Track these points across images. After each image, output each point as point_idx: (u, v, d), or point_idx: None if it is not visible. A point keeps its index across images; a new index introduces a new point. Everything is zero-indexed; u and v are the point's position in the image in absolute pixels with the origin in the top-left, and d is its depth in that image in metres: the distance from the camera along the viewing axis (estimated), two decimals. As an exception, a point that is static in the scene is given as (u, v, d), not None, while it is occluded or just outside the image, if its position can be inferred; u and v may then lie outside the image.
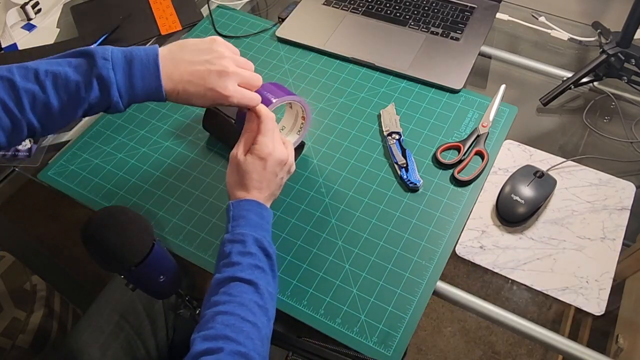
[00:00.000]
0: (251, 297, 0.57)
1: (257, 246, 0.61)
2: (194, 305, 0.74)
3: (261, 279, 0.59)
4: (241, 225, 0.62)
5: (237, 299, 0.56)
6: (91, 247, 0.56)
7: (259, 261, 0.60)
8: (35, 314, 1.08)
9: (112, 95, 0.58)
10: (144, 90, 0.59)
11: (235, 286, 0.57)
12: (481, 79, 0.92)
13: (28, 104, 0.56)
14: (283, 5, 1.05)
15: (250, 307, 0.56)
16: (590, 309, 0.64)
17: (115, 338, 0.81)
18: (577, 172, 0.77)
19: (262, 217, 0.64)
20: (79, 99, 0.57)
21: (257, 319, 0.55)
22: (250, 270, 0.58)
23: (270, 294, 0.59)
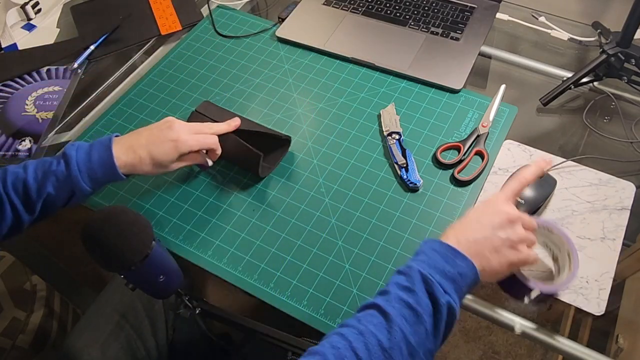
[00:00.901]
0: (375, 332, 0.47)
1: (422, 285, 0.50)
2: (194, 305, 0.74)
3: (404, 318, 0.48)
4: (416, 260, 0.53)
5: (361, 327, 0.48)
6: (91, 247, 0.56)
7: (414, 302, 0.49)
8: (35, 314, 1.08)
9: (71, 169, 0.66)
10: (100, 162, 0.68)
11: (369, 313, 0.50)
12: (481, 79, 0.92)
13: (11, 182, 0.66)
14: (283, 5, 1.05)
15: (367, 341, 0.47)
16: (591, 309, 0.64)
17: (115, 338, 0.81)
18: (577, 172, 0.77)
19: (450, 264, 0.52)
20: (49, 173, 0.66)
21: (367, 356, 0.46)
22: (397, 304, 0.49)
23: (408, 344, 0.47)
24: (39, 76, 0.97)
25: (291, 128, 0.85)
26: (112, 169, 0.68)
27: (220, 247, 0.73)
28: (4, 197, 0.65)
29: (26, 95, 0.94)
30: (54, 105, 0.92)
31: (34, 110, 0.91)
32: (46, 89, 0.95)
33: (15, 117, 0.90)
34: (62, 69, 0.98)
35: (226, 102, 0.90)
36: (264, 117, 0.87)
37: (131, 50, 1.01)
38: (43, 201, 0.67)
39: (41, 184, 0.66)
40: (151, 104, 0.91)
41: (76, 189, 0.67)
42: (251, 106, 0.89)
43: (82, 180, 0.67)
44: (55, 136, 0.89)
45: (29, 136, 0.88)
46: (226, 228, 0.75)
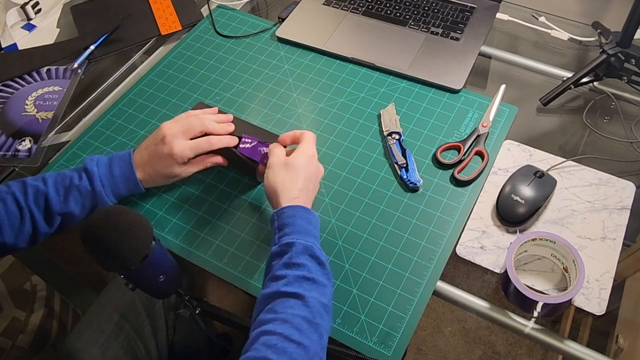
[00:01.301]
0: (297, 312, 0.52)
1: (307, 255, 0.57)
2: (194, 305, 0.74)
3: (310, 291, 0.54)
4: (287, 234, 0.59)
5: (281, 315, 0.52)
6: (91, 247, 0.56)
7: (307, 272, 0.56)
8: (35, 314, 1.08)
9: (95, 185, 0.69)
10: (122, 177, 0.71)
11: (280, 302, 0.54)
12: (481, 79, 0.92)
13: (32, 195, 0.67)
14: (283, 5, 1.05)
15: (295, 325, 0.51)
16: (591, 309, 0.64)
17: (115, 338, 0.81)
18: (577, 172, 0.77)
19: (309, 222, 0.61)
20: (71, 188, 0.68)
21: (303, 337, 0.51)
22: (297, 283, 0.55)
23: (324, 306, 0.55)
24: (39, 76, 0.97)
25: (291, 128, 0.85)
26: (135, 183, 0.72)
27: (220, 247, 0.73)
28: (25, 210, 0.67)
29: (26, 95, 0.94)
30: (54, 105, 0.92)
31: (34, 110, 0.91)
32: (46, 89, 0.95)
33: (15, 117, 0.90)
34: (62, 69, 0.98)
35: (226, 102, 0.90)
36: (264, 117, 0.87)
37: (131, 50, 1.01)
38: (63, 216, 0.68)
39: (64, 199, 0.68)
40: (151, 104, 0.91)
41: (100, 204, 0.70)
42: (251, 106, 0.89)
43: (106, 196, 0.70)
44: (55, 136, 0.89)
45: (29, 136, 0.88)
46: (226, 228, 0.75)
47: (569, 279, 0.65)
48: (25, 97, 0.93)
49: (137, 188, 0.73)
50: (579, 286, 0.61)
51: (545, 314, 0.65)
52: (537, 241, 0.67)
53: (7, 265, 1.10)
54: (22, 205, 0.67)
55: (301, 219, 0.60)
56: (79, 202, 0.69)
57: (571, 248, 0.64)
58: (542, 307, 0.63)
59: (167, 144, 0.71)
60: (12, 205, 0.66)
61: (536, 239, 0.67)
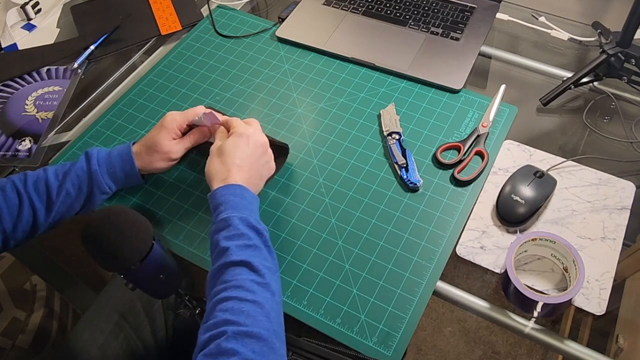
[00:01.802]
0: (246, 277, 0.55)
1: (245, 225, 0.60)
2: (194, 305, 0.74)
3: (255, 257, 0.57)
4: (222, 211, 0.61)
5: (232, 282, 0.55)
6: (91, 246, 0.56)
7: (248, 240, 0.59)
8: (35, 314, 1.08)
9: (91, 164, 0.71)
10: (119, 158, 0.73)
11: (229, 272, 0.56)
12: (481, 79, 0.92)
13: (31, 182, 0.68)
14: (283, 5, 1.05)
15: (247, 287, 0.55)
16: (591, 309, 0.64)
17: (115, 338, 0.81)
18: (577, 172, 0.77)
19: (243, 198, 0.63)
20: (69, 171, 0.70)
21: (257, 296, 0.54)
22: (240, 252, 0.57)
23: (269, 268, 0.58)
24: (39, 76, 0.97)
25: (291, 128, 0.85)
26: (130, 163, 0.73)
27: (220, 247, 0.73)
28: (24, 196, 0.67)
29: (26, 95, 0.94)
30: (54, 105, 0.92)
31: (34, 110, 0.91)
32: (46, 89, 0.95)
33: (15, 117, 0.90)
34: (62, 69, 0.98)
35: (226, 102, 0.90)
36: (264, 117, 0.87)
37: (131, 50, 1.01)
38: (61, 201, 0.69)
39: (61, 182, 0.69)
40: (151, 104, 0.91)
41: (95, 185, 0.70)
42: (251, 106, 0.89)
43: (101, 175, 0.71)
44: (55, 136, 0.89)
45: (29, 136, 0.88)
46: (226, 228, 0.75)
47: (569, 279, 0.65)
48: (25, 97, 0.94)
49: (132, 169, 0.73)
50: (579, 286, 0.61)
51: (545, 314, 0.65)
52: (537, 241, 0.67)
53: (7, 265, 1.10)
54: (21, 192, 0.67)
55: (233, 196, 0.63)
56: (75, 184, 0.69)
57: (571, 248, 0.64)
58: (542, 307, 0.63)
59: (164, 117, 0.74)
60: (11, 193, 0.67)
61: (536, 239, 0.67)
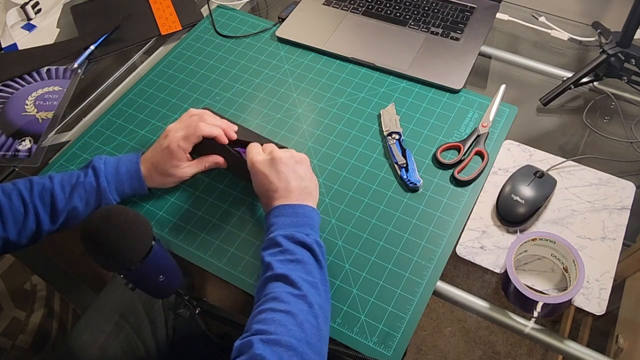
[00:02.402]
0: (282, 289, 0.56)
1: (289, 242, 0.61)
2: (194, 305, 0.74)
3: (294, 271, 0.58)
4: (272, 232, 0.63)
5: (269, 295, 0.56)
6: (91, 246, 0.56)
7: (290, 255, 0.59)
8: (35, 314, 1.08)
9: (100, 181, 0.70)
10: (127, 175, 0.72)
11: (269, 286, 0.58)
12: (481, 79, 0.92)
13: (37, 191, 0.68)
14: (283, 5, 1.05)
15: (282, 298, 0.55)
16: (591, 309, 0.64)
17: (115, 338, 0.81)
18: (577, 172, 0.77)
19: (295, 215, 0.64)
20: (77, 185, 0.69)
21: (290, 307, 0.54)
22: (281, 266, 0.58)
23: (310, 282, 0.58)
24: (39, 76, 0.97)
25: (291, 128, 0.85)
26: (139, 181, 0.73)
27: (220, 247, 0.73)
28: (30, 206, 0.67)
29: (26, 95, 0.94)
30: (54, 105, 0.92)
31: (34, 110, 0.91)
32: (46, 89, 0.95)
33: (15, 117, 0.90)
34: (62, 69, 0.98)
35: (226, 102, 0.90)
36: (264, 117, 0.87)
37: (131, 50, 1.01)
38: (68, 213, 0.69)
39: (69, 196, 0.69)
40: (151, 104, 0.91)
41: (103, 201, 0.70)
42: (251, 106, 0.89)
43: (109, 193, 0.70)
44: (55, 136, 0.89)
45: (29, 136, 0.88)
46: (226, 228, 0.75)
47: (569, 279, 0.65)
48: (25, 97, 0.94)
49: (141, 186, 0.74)
50: (579, 286, 0.61)
51: (545, 314, 0.65)
52: (537, 241, 0.67)
53: (7, 265, 1.11)
54: (27, 201, 0.67)
55: (284, 216, 0.64)
56: (83, 199, 0.69)
57: (571, 248, 0.64)
58: (542, 307, 0.63)
59: (168, 138, 0.73)
60: (17, 201, 0.67)
61: (536, 239, 0.67)
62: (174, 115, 0.88)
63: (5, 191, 0.68)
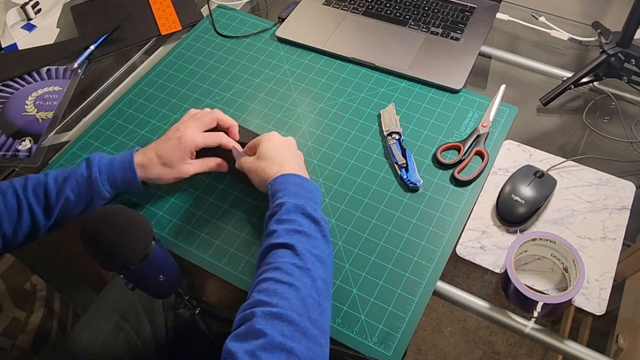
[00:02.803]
0: (287, 260, 0.55)
1: (298, 212, 0.60)
2: (194, 304, 0.74)
3: (301, 242, 0.57)
4: (279, 197, 0.62)
5: (273, 264, 0.55)
6: (91, 246, 0.56)
7: (298, 226, 0.59)
8: (35, 314, 1.08)
9: (92, 172, 0.69)
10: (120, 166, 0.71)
11: (272, 254, 0.57)
12: (481, 79, 0.92)
13: (31, 187, 0.68)
14: (283, 5, 1.05)
15: (286, 269, 0.54)
16: (591, 309, 0.64)
17: (115, 338, 0.81)
18: (577, 172, 0.77)
19: (301, 186, 0.64)
20: (69, 177, 0.69)
21: (294, 279, 0.53)
22: (287, 235, 0.58)
23: (316, 256, 0.57)
24: (39, 76, 0.97)
25: (291, 128, 0.85)
26: (132, 171, 0.71)
27: (220, 247, 0.73)
28: (24, 202, 0.67)
29: (26, 95, 0.94)
30: (54, 105, 0.92)
31: (34, 110, 0.91)
32: (46, 89, 0.95)
33: (15, 117, 0.90)
34: (62, 69, 0.98)
35: (226, 102, 0.90)
36: (264, 117, 0.87)
37: (131, 50, 1.01)
38: (61, 206, 0.68)
39: (61, 188, 0.68)
40: (151, 104, 0.91)
41: (95, 192, 0.69)
42: (251, 106, 0.89)
43: (101, 183, 0.70)
44: (55, 136, 0.89)
45: (29, 136, 0.88)
46: (226, 228, 0.75)
47: (569, 279, 0.65)
48: (25, 97, 0.94)
49: (133, 176, 0.71)
50: (579, 286, 0.61)
51: (545, 314, 0.65)
52: (537, 241, 0.67)
53: (7, 265, 1.11)
54: (21, 197, 0.67)
55: (291, 184, 0.63)
56: (75, 190, 0.69)
57: (571, 248, 0.64)
58: (542, 307, 0.63)
59: (180, 130, 0.73)
60: (11, 198, 0.67)
61: (536, 239, 0.67)
62: (174, 115, 0.88)
63: (0, 190, 0.68)
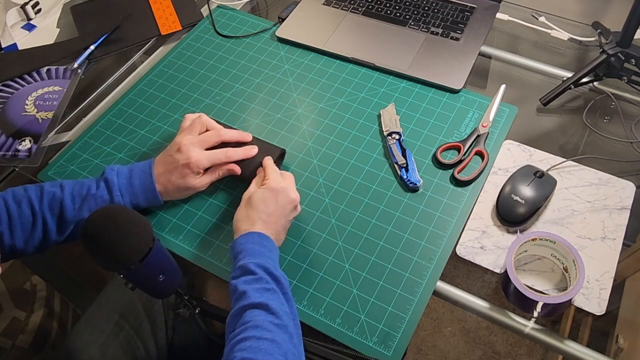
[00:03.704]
0: (264, 318, 0.55)
1: (262, 271, 0.60)
2: (194, 304, 0.74)
3: (272, 300, 0.57)
4: (240, 259, 0.61)
5: (251, 323, 0.55)
6: (90, 246, 0.56)
7: (266, 284, 0.59)
8: (35, 314, 1.08)
9: (114, 195, 0.69)
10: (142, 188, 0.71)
11: (247, 314, 0.56)
12: (481, 79, 0.92)
13: (47, 201, 0.67)
14: (283, 5, 1.05)
15: (265, 327, 0.54)
16: (591, 309, 0.64)
17: (115, 338, 0.81)
18: (577, 172, 0.77)
19: (263, 246, 0.63)
20: (88, 197, 0.68)
21: (275, 335, 0.54)
22: (258, 295, 0.57)
23: (287, 313, 0.58)
24: (39, 76, 0.97)
25: (291, 128, 0.85)
26: (154, 195, 0.72)
27: (220, 247, 0.73)
28: (38, 215, 0.66)
29: (26, 95, 0.94)
30: (54, 105, 0.92)
31: (34, 110, 0.91)
32: (46, 89, 0.95)
33: (15, 117, 0.90)
34: (62, 69, 0.98)
35: (226, 102, 0.90)
36: (264, 117, 0.87)
37: (131, 50, 1.01)
38: (76, 224, 0.68)
39: (79, 208, 0.68)
40: (151, 104, 0.91)
41: None
42: (251, 106, 0.89)
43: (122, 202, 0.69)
44: (55, 136, 0.89)
45: (29, 136, 0.88)
46: (226, 228, 0.75)
47: (569, 279, 0.65)
48: (25, 97, 0.94)
49: (156, 200, 0.73)
50: (579, 286, 0.61)
51: (545, 314, 0.65)
52: (537, 241, 0.67)
53: (7, 265, 1.10)
54: (37, 210, 0.66)
55: (252, 243, 0.63)
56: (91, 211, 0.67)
57: (571, 248, 0.64)
58: (542, 307, 0.63)
59: (184, 153, 0.71)
60: (26, 209, 0.66)
61: (536, 239, 0.67)
62: (174, 115, 0.88)
63: (15, 198, 0.67)
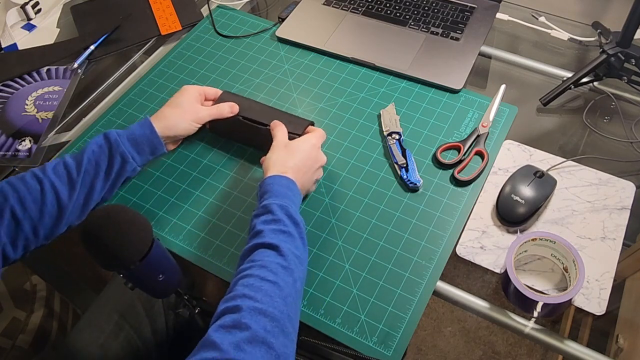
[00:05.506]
0: (273, 259, 0.58)
1: (283, 213, 0.62)
2: (194, 304, 0.74)
3: (285, 242, 0.59)
4: (266, 198, 0.64)
5: (259, 262, 0.57)
6: (90, 246, 0.56)
7: (283, 226, 0.61)
8: (35, 314, 1.08)
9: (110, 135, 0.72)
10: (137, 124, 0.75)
11: (258, 252, 0.59)
12: (481, 79, 0.92)
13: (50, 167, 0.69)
14: (283, 5, 1.05)
15: (271, 268, 0.56)
16: (591, 309, 0.64)
17: (115, 338, 0.81)
18: (577, 172, 0.77)
19: (288, 189, 0.65)
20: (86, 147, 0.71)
21: (278, 278, 0.56)
22: (273, 235, 0.60)
23: (297, 257, 0.60)
24: (39, 76, 0.97)
25: (291, 128, 0.85)
26: (149, 127, 0.74)
27: (220, 247, 0.73)
28: (45, 180, 0.67)
29: (26, 95, 0.94)
30: (54, 105, 0.92)
31: (34, 110, 0.91)
32: (46, 89, 0.95)
33: (15, 117, 0.90)
34: (62, 69, 0.98)
35: (226, 102, 0.90)
36: (264, 117, 0.87)
37: (131, 50, 1.01)
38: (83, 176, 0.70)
39: (80, 159, 0.70)
40: (151, 104, 0.91)
41: (117, 151, 0.72)
42: (251, 106, 0.89)
43: (122, 144, 0.72)
44: (55, 136, 0.89)
45: (29, 136, 0.88)
46: (226, 228, 0.75)
47: (569, 279, 0.65)
48: (25, 97, 0.94)
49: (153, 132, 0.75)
50: (579, 286, 0.61)
51: (545, 314, 0.65)
52: (537, 241, 0.67)
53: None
54: (41, 177, 0.68)
55: (279, 186, 0.65)
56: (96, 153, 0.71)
57: (571, 248, 0.64)
58: (542, 307, 0.63)
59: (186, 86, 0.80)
60: (31, 180, 0.67)
61: (536, 239, 0.67)
62: (174, 115, 0.88)
63: (18, 176, 0.68)
